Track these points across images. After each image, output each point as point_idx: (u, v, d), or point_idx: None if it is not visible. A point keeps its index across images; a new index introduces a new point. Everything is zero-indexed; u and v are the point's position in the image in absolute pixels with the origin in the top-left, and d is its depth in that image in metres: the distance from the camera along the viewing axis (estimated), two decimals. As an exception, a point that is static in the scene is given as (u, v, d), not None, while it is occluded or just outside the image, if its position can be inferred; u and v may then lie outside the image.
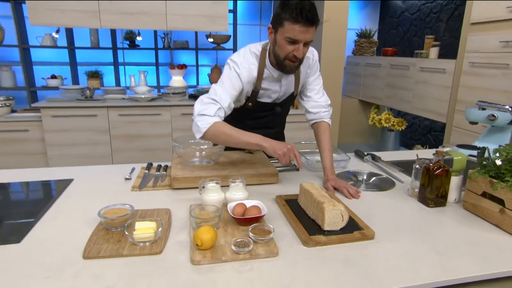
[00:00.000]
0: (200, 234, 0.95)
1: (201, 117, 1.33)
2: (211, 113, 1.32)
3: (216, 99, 1.34)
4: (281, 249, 0.99)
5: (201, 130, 1.32)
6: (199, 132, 1.33)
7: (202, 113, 1.33)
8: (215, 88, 1.38)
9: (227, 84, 1.38)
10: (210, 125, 1.31)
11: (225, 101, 1.35)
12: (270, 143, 1.30)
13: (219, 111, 1.34)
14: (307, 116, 1.62)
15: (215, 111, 1.33)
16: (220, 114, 1.35)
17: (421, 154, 1.88)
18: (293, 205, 1.25)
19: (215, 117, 1.33)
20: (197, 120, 1.33)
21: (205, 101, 1.35)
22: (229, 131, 1.32)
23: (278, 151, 1.27)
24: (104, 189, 1.41)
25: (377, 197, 1.38)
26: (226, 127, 1.33)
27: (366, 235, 1.06)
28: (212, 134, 1.33)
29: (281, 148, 1.27)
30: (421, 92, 3.65)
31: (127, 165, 1.68)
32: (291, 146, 1.28)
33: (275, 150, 1.27)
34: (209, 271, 0.90)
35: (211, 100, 1.34)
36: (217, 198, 1.17)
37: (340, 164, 1.69)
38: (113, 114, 3.29)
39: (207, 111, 1.32)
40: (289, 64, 1.36)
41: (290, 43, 1.29)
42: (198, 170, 1.46)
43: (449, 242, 1.05)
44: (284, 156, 1.27)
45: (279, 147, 1.28)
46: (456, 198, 1.31)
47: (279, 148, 1.27)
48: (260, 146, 1.31)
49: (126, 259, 0.94)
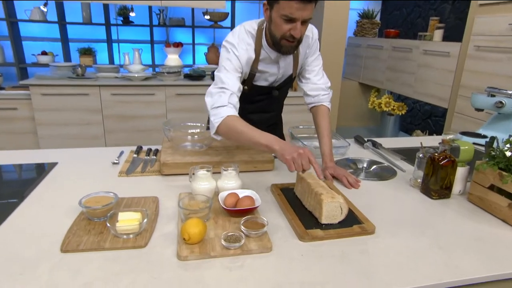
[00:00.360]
0: (188, 227, 0.88)
1: (215, 111, 1.21)
2: (224, 102, 1.21)
3: (224, 87, 1.23)
4: (275, 244, 0.93)
5: (214, 126, 1.20)
6: (213, 127, 1.22)
7: (215, 105, 1.21)
8: (219, 76, 1.27)
9: (229, 68, 1.28)
10: (222, 119, 1.19)
11: (233, 85, 1.25)
12: (281, 145, 1.11)
13: (231, 98, 1.23)
14: (305, 99, 1.53)
15: (227, 99, 1.21)
16: (233, 101, 1.23)
17: (423, 141, 1.81)
18: (289, 195, 1.18)
19: (229, 106, 1.21)
20: (211, 115, 1.22)
21: (214, 92, 1.24)
22: (240, 128, 1.17)
23: (286, 155, 1.07)
24: (89, 174, 1.33)
25: (378, 187, 1.32)
26: (239, 122, 1.19)
27: (366, 229, 0.99)
28: (225, 130, 1.20)
29: (291, 153, 1.07)
30: (423, 76, 3.55)
31: (116, 148, 1.60)
32: (304, 151, 1.07)
33: (283, 154, 1.08)
34: (197, 268, 0.83)
35: (219, 90, 1.24)
36: (208, 187, 1.10)
37: (339, 151, 1.62)
38: (106, 93, 3.18)
39: (219, 102, 1.21)
40: (286, 45, 1.27)
41: (287, 22, 1.19)
42: (189, 155, 1.38)
43: (453, 237, 0.99)
44: (294, 162, 1.07)
45: (288, 150, 1.08)
46: (461, 190, 1.24)
47: (289, 152, 1.08)
48: (271, 149, 1.12)
49: (107, 253, 0.87)
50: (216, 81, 1.27)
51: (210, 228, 0.97)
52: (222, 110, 1.20)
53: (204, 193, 1.08)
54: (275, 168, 1.43)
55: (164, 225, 1.01)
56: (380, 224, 1.03)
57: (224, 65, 1.28)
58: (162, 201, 1.14)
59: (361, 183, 1.33)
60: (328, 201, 0.99)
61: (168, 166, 1.32)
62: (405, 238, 0.98)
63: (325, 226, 1.00)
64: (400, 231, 1.01)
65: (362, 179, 1.36)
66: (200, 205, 1.01)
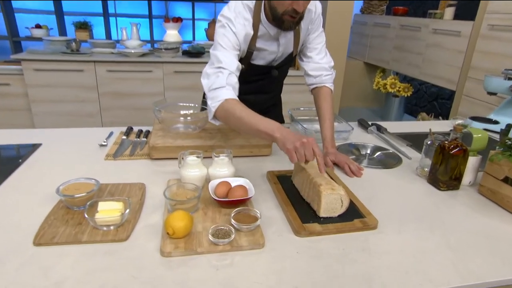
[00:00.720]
0: (172, 220, 0.80)
1: (212, 93, 1.11)
2: (222, 83, 1.10)
3: (221, 66, 1.13)
4: (268, 239, 0.85)
5: (211, 110, 1.11)
6: (210, 112, 1.13)
7: (212, 87, 1.11)
8: (215, 54, 1.16)
9: (226, 45, 1.16)
10: (220, 103, 1.09)
11: (231, 64, 1.14)
12: (283, 133, 1.00)
13: (229, 78, 1.12)
14: (306, 79, 1.42)
15: (225, 80, 1.11)
16: (232, 81, 1.13)
17: (431, 126, 1.71)
18: (286, 184, 1.09)
19: (227, 87, 1.10)
20: (208, 98, 1.13)
21: (211, 73, 1.14)
22: (239, 113, 1.06)
23: (287, 145, 0.96)
24: (74, 157, 1.25)
25: (382, 175, 1.23)
26: (238, 106, 1.08)
27: (368, 224, 0.91)
28: (223, 115, 1.11)
29: (293, 142, 0.96)
30: (432, 56, 3.40)
31: (105, 129, 1.51)
32: (307, 141, 0.95)
33: (284, 143, 0.97)
34: (181, 265, 0.76)
35: (216, 70, 1.13)
36: (198, 175, 1.02)
37: (342, 135, 1.52)
38: (101, 69, 3.07)
39: (217, 84, 1.11)
40: (288, 20, 1.15)
41: None
42: (181, 138, 1.29)
43: (464, 235, 0.91)
44: (297, 152, 0.96)
45: (290, 139, 0.97)
46: (471, 181, 1.16)
47: (290, 141, 0.96)
48: (271, 137, 1.01)
49: (84, 247, 0.80)
50: (212, 60, 1.16)
51: (198, 220, 0.89)
52: (220, 92, 1.10)
53: (194, 181, 1.00)
54: (272, 153, 1.34)
55: (149, 215, 0.93)
56: (383, 218, 0.95)
57: (220, 42, 1.17)
58: (149, 188, 1.06)
59: (363, 171, 1.24)
60: (328, 193, 0.91)
61: (158, 150, 1.24)
62: (410, 235, 0.90)
63: (323, 219, 0.92)
64: (404, 226, 0.93)
65: (365, 167, 1.28)
66: (188, 195, 0.93)
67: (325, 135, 1.33)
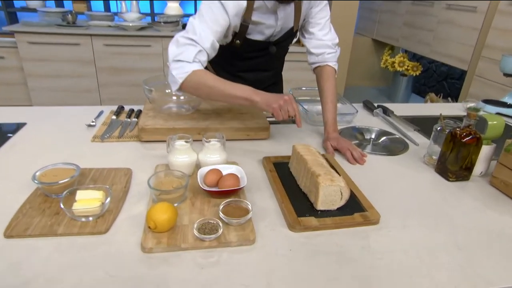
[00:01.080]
0: (154, 213, 0.73)
1: (177, 64, 1.05)
2: (189, 58, 1.03)
3: (195, 39, 1.04)
4: (260, 234, 0.78)
5: (177, 81, 1.05)
6: (175, 83, 1.06)
7: (178, 58, 1.04)
8: (193, 23, 1.06)
9: (208, 18, 1.06)
10: (188, 74, 1.03)
11: (206, 40, 1.05)
12: (262, 96, 1.05)
13: (199, 55, 1.05)
14: (308, 58, 1.32)
15: (194, 55, 1.04)
16: (201, 59, 1.06)
17: (440, 108, 1.61)
18: (283, 172, 1.02)
19: (194, 63, 1.04)
20: (172, 68, 1.05)
21: (182, 42, 1.05)
22: (212, 82, 1.05)
23: (273, 104, 1.03)
24: (59, 138, 1.17)
25: (386, 163, 1.15)
26: (209, 77, 1.06)
27: (369, 219, 0.84)
28: (192, 86, 1.06)
29: (277, 100, 1.02)
30: (444, 33, 3.24)
31: (94, 108, 1.43)
32: (288, 97, 1.04)
33: (269, 103, 1.03)
34: (162, 263, 0.69)
35: (188, 41, 1.04)
36: (187, 161, 0.94)
37: (345, 118, 1.44)
38: (98, 43, 2.96)
39: (184, 56, 1.04)
40: (288, -10, 1.05)
41: None
42: (173, 120, 1.21)
43: (473, 232, 0.83)
44: (281, 109, 1.03)
45: (273, 99, 1.03)
46: (483, 171, 1.07)
47: (273, 100, 1.03)
48: (251, 101, 1.05)
49: (60, 240, 0.74)
50: (187, 28, 1.07)
51: (185, 211, 0.82)
52: (186, 65, 1.04)
53: (182, 168, 0.93)
54: (270, 136, 1.26)
55: (133, 204, 0.86)
56: (386, 211, 0.88)
57: (204, 13, 1.07)
58: (136, 173, 0.99)
59: (366, 157, 1.16)
60: (326, 184, 0.83)
61: (147, 132, 1.16)
62: (414, 232, 0.83)
63: (321, 212, 0.85)
64: (409, 221, 0.86)
65: (369, 153, 1.19)
66: (174, 184, 0.86)
67: (327, 118, 1.25)
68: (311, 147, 1.02)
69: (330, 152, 1.16)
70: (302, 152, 0.97)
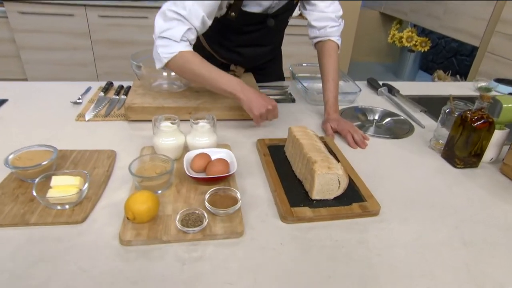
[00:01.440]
0: (132, 203, 0.67)
1: (163, 41, 0.96)
2: (177, 36, 0.95)
3: (183, 15, 0.94)
4: (249, 225, 0.72)
5: (162, 60, 0.97)
6: (159, 61, 0.98)
7: (164, 35, 0.95)
8: None
9: None
10: (173, 55, 0.96)
11: (196, 17, 0.96)
12: (248, 95, 1.00)
13: (188, 33, 0.96)
14: (309, 32, 1.22)
15: (182, 34, 0.95)
16: (190, 37, 0.97)
17: (449, 87, 1.52)
18: (278, 156, 0.95)
19: (181, 43, 0.96)
20: (158, 45, 0.97)
21: (170, 17, 0.95)
22: (198, 69, 0.98)
23: (254, 111, 1.00)
24: (41, 117, 1.10)
25: (389, 147, 1.08)
26: (195, 61, 0.98)
27: (369, 210, 0.77)
28: (177, 68, 1.00)
29: (259, 108, 1.00)
30: (455, 7, 3.07)
31: (82, 83, 1.35)
32: (272, 107, 1.02)
33: (251, 108, 1.00)
34: (141, 257, 0.64)
35: (177, 16, 0.94)
36: (174, 144, 0.88)
37: (347, 97, 1.35)
38: (92, 14, 2.83)
39: (171, 33, 0.95)
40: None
41: None
42: (162, 98, 1.14)
43: (480, 226, 0.77)
44: (261, 117, 1.02)
45: (257, 105, 1.00)
46: (493, 157, 1.00)
47: (257, 106, 1.00)
48: (236, 98, 1.01)
49: (32, 231, 0.68)
50: (176, 1, 0.95)
51: (169, 200, 0.76)
52: (173, 44, 0.95)
53: (169, 151, 0.86)
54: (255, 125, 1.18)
55: (115, 191, 0.80)
56: (387, 201, 0.81)
57: None
58: (120, 156, 0.93)
59: (368, 140, 1.09)
60: (323, 172, 0.76)
61: (134, 111, 1.09)
62: (416, 225, 0.76)
63: (316, 202, 0.78)
64: (411, 213, 0.80)
65: (371, 136, 1.12)
66: (158, 169, 0.80)
67: (327, 97, 1.16)
68: (308, 130, 0.94)
69: (329, 135, 1.09)
70: (298, 136, 0.90)
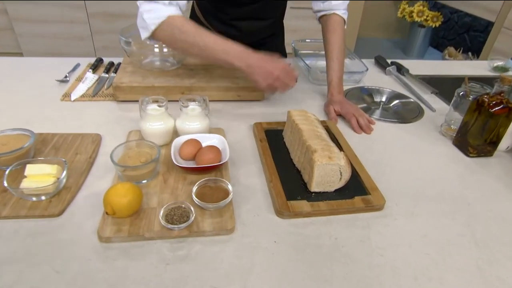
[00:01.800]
0: (112, 196, 0.61)
1: (149, 5, 0.86)
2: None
3: None
4: (241, 221, 0.66)
5: (149, 28, 0.87)
6: (145, 29, 0.88)
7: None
8: None
9: None
10: (162, 20, 0.85)
11: None
12: (251, 63, 0.87)
13: None
14: (313, 4, 1.13)
15: None
16: (180, 2, 0.89)
17: (461, 66, 1.41)
18: (276, 142, 0.88)
19: (171, 6, 0.87)
20: (143, 10, 0.87)
21: None
22: (191, 38, 0.87)
23: (260, 84, 0.89)
24: (24, 96, 1.03)
25: (397, 132, 1.00)
26: (187, 28, 0.87)
27: (372, 204, 0.71)
28: (166, 36, 0.89)
29: (266, 78, 0.88)
30: (471, -21, 2.90)
31: (70, 59, 1.27)
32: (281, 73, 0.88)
33: (256, 80, 0.89)
34: (121, 256, 0.58)
35: None
36: (162, 129, 0.80)
37: (353, 77, 1.26)
38: (88, -15, 2.71)
39: None
40: None
41: None
42: (153, 76, 1.06)
43: (494, 224, 0.70)
44: (270, 88, 0.91)
45: (263, 75, 0.88)
46: (510, 146, 0.92)
47: (263, 76, 0.88)
48: (236, 68, 0.89)
49: (3, 225, 0.63)
50: None
51: (155, 191, 0.70)
52: (160, 7, 0.85)
53: (156, 137, 0.80)
54: (265, 97, 1.11)
55: (98, 179, 0.74)
56: (392, 194, 0.75)
57: None
58: (106, 140, 0.86)
59: (374, 124, 1.01)
60: (323, 163, 0.69)
61: (123, 91, 1.01)
62: (424, 221, 0.70)
63: (315, 195, 0.72)
64: (418, 208, 0.73)
65: (377, 119, 1.04)
66: (142, 158, 0.73)
67: (331, 77, 1.08)
68: (309, 114, 0.87)
69: (332, 118, 1.01)
70: (298, 121, 0.82)
